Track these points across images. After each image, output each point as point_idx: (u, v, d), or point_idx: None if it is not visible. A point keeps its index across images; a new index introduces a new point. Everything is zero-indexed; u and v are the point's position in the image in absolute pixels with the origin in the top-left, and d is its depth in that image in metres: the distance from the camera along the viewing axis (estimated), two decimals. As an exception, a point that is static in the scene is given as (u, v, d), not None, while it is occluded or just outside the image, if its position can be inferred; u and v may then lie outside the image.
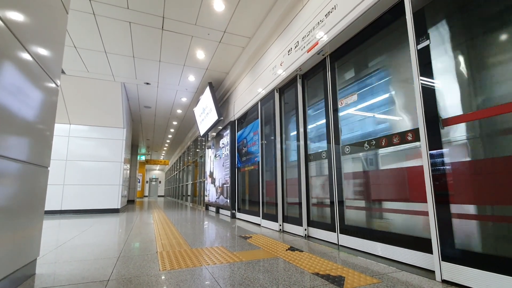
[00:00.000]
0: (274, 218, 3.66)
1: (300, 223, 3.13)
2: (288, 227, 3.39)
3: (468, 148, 1.57)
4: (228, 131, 5.80)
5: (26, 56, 1.55)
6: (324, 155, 2.87)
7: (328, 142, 2.75)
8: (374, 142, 2.28)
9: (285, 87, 3.75)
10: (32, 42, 1.61)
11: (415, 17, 1.81)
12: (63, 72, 5.59)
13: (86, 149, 6.55)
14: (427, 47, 1.71)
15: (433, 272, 1.63)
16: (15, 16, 1.42)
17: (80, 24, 4.05)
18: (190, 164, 11.40)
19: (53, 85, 1.95)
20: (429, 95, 1.68)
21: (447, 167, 1.57)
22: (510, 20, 1.43)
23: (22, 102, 1.53)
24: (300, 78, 3.39)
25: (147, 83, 6.32)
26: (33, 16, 1.62)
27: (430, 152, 1.64)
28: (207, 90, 5.88)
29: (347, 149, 2.54)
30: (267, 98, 4.13)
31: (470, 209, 1.50)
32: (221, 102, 6.79)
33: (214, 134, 7.17)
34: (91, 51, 4.87)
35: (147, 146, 15.03)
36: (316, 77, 3.16)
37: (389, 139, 2.12)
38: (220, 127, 6.62)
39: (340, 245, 2.52)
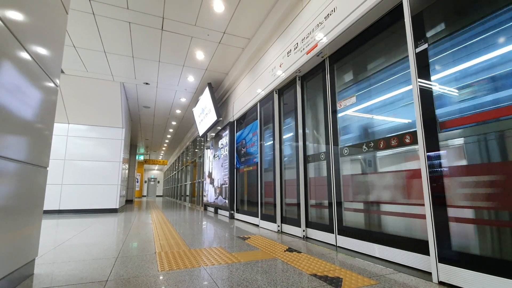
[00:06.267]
0: (272, 219, 3.67)
1: (298, 224, 3.14)
2: (287, 228, 3.40)
3: (465, 151, 1.58)
4: (227, 132, 5.81)
5: (25, 55, 1.55)
6: (323, 156, 2.89)
7: (327, 144, 2.76)
8: (372, 144, 2.29)
9: (284, 89, 3.76)
10: (32, 42, 1.61)
11: (414, 20, 1.83)
12: (62, 71, 5.58)
13: (85, 149, 6.53)
14: (425, 50, 1.73)
15: (430, 273, 1.64)
16: (15, 15, 1.43)
17: (79, 24, 4.05)
18: (189, 164, 11.39)
19: (52, 84, 1.95)
20: (427, 98, 1.69)
21: (445, 169, 1.58)
22: (507, 23, 1.45)
23: (21, 101, 1.53)
24: (299, 79, 3.40)
25: (146, 83, 6.32)
26: (33, 15, 1.62)
27: (428, 154, 1.65)
28: (206, 90, 5.88)
29: (346, 151, 2.55)
30: (266, 99, 4.14)
31: (467, 211, 1.51)
32: (220, 102, 6.80)
33: (213, 134, 7.17)
34: (90, 51, 4.87)
35: (145, 146, 15.00)
36: (315, 79, 3.18)
37: (387, 142, 2.13)
38: (219, 128, 6.63)
39: (338, 246, 2.53)
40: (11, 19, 1.39)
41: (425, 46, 1.72)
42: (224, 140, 6.00)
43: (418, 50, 1.76)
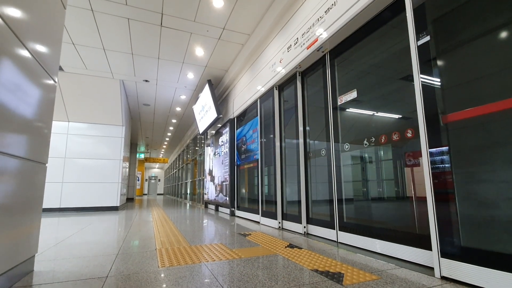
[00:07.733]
0: (273, 216, 3.66)
1: (299, 221, 3.13)
2: (288, 224, 3.39)
3: (468, 146, 1.56)
4: (227, 129, 5.79)
5: (24, 52, 1.53)
6: (323, 152, 2.87)
7: (328, 140, 2.74)
8: (373, 140, 2.27)
9: (285, 85, 3.73)
10: (30, 38, 1.59)
11: (416, 13, 1.80)
12: (61, 69, 5.56)
13: (85, 147, 6.53)
14: (427, 43, 1.70)
15: (432, 268, 1.63)
16: (13, 11, 1.41)
17: (78, 20, 4.02)
18: (190, 162, 11.39)
19: (51, 81, 1.93)
20: (429, 91, 1.67)
21: (447, 164, 1.56)
22: (511, 17, 1.42)
23: (20, 98, 1.51)
24: (299, 75, 3.38)
25: (146, 81, 6.29)
26: (31, 11, 1.60)
27: (430, 149, 1.63)
28: (206, 87, 5.86)
29: (347, 147, 2.54)
30: (267, 96, 4.12)
31: (469, 206, 1.50)
32: (220, 99, 6.77)
33: (213, 132, 7.16)
34: (89, 48, 4.84)
35: (146, 144, 15.00)
36: (316, 74, 3.15)
37: (389, 137, 2.12)
38: (219, 125, 6.61)
39: (339, 242, 2.52)
40: (9, 15, 1.37)
41: (427, 38, 1.70)
42: (225, 137, 5.98)
43: (420, 42, 1.74)
